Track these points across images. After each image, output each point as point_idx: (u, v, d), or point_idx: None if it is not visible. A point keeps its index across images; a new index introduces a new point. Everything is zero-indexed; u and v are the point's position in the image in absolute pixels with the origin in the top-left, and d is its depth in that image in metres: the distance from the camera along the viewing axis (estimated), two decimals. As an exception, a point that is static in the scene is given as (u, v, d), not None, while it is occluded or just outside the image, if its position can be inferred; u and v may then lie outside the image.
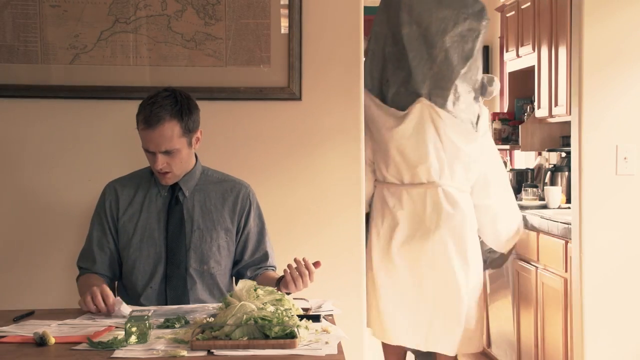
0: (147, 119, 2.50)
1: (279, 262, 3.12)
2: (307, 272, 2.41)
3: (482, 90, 3.92)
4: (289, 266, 2.43)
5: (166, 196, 2.66)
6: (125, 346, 1.97)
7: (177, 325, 2.18)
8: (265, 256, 2.70)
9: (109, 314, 2.32)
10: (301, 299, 2.36)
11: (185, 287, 2.60)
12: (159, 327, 2.16)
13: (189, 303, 2.59)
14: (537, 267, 4.16)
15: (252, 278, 2.61)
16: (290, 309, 2.05)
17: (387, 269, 3.84)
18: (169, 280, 2.60)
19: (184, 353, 1.91)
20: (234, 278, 2.74)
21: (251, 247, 2.70)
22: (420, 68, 3.78)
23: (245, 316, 1.97)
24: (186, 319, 2.23)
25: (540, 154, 5.53)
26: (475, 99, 3.89)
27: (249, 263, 2.70)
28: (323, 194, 3.22)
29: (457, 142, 3.79)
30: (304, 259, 2.42)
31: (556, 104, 4.65)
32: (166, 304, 2.59)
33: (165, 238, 2.62)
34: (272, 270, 2.70)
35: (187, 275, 2.61)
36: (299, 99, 3.19)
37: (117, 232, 2.66)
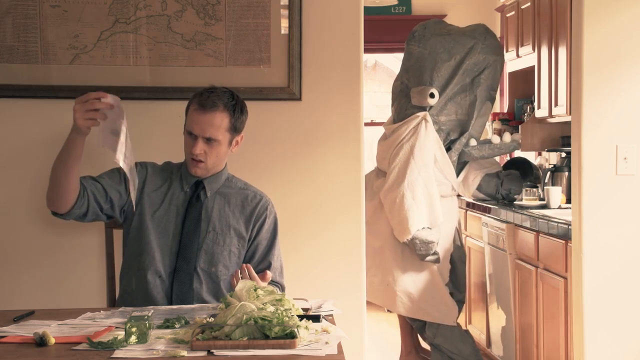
0: (202, 102, 2.59)
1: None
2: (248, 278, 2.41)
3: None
4: (235, 272, 2.46)
5: (188, 192, 2.69)
6: (125, 346, 1.97)
7: (177, 325, 2.18)
8: (268, 268, 2.68)
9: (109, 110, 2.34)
10: (301, 299, 2.36)
11: (191, 284, 2.61)
12: (159, 327, 2.17)
13: (192, 301, 2.59)
14: (537, 267, 4.16)
15: None
16: (290, 309, 2.05)
17: None
18: (177, 274, 2.61)
19: (184, 353, 1.91)
20: None
21: (258, 257, 2.70)
22: None
23: (245, 316, 1.97)
24: (186, 319, 2.23)
25: (540, 154, 5.53)
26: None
27: None
28: (323, 194, 3.22)
29: None
30: (247, 266, 2.44)
31: (556, 104, 4.65)
32: (171, 298, 2.61)
33: (180, 233, 2.63)
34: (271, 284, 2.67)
35: (195, 273, 2.62)
36: (299, 99, 3.18)
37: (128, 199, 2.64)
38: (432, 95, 4.60)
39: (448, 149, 4.75)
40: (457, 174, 4.86)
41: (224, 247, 2.64)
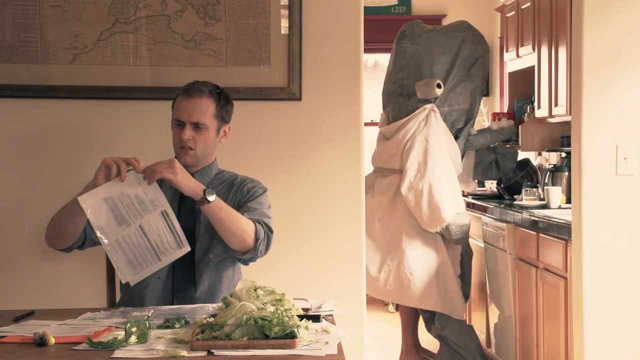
0: (188, 89, 2.66)
1: (279, 263, 3.13)
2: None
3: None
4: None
5: None
6: (125, 346, 1.98)
7: (177, 325, 2.18)
8: (246, 210, 2.64)
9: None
10: (301, 299, 2.36)
11: (193, 276, 2.62)
12: (159, 327, 2.17)
13: (196, 293, 2.60)
14: (537, 267, 4.16)
15: None
16: (290, 309, 2.05)
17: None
18: (177, 269, 2.62)
19: (184, 353, 1.91)
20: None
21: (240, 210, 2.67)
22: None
23: (245, 316, 1.97)
24: (186, 319, 2.23)
25: (540, 154, 5.53)
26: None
27: None
28: (323, 194, 3.22)
29: None
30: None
31: (556, 104, 4.65)
32: (172, 295, 2.61)
33: None
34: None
35: (194, 265, 2.62)
36: (299, 99, 3.19)
37: None
38: (439, 86, 4.68)
39: (456, 138, 4.80)
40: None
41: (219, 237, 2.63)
